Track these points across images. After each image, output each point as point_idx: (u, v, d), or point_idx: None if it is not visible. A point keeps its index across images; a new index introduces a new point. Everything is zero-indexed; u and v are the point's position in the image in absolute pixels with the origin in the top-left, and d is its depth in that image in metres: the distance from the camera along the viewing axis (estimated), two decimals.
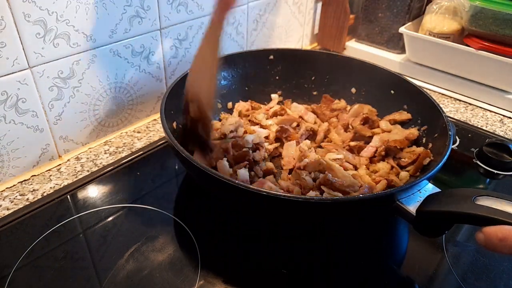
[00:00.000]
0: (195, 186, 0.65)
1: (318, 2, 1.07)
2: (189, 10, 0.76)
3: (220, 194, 0.56)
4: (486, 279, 0.52)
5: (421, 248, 0.56)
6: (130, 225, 0.57)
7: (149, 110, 0.80)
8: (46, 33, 0.58)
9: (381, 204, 0.49)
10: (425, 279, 0.52)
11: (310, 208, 0.47)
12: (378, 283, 0.52)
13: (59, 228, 0.56)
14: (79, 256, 0.52)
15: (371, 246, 0.57)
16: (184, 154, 0.51)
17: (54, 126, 0.66)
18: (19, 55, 0.57)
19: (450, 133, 0.56)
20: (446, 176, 0.69)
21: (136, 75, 0.74)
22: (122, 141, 0.74)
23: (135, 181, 0.65)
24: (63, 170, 0.67)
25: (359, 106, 0.74)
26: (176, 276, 0.50)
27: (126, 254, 0.52)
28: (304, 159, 0.60)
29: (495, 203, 0.41)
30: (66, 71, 0.63)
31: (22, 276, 0.49)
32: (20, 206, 0.59)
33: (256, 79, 0.81)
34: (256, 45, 0.96)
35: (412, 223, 0.47)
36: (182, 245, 0.54)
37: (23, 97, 0.59)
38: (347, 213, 0.51)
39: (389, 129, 0.69)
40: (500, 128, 0.83)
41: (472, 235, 0.58)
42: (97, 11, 0.62)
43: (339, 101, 0.78)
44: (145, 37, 0.71)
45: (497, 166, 0.70)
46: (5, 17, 0.53)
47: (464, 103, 0.91)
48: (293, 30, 1.05)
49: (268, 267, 0.52)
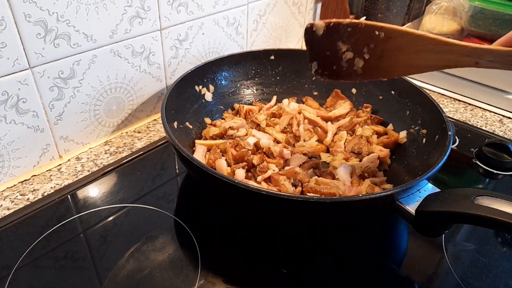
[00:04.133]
0: (196, 186, 0.65)
1: (318, 2, 1.07)
2: (189, 10, 0.76)
3: (220, 193, 0.56)
4: (485, 279, 0.52)
5: (420, 248, 0.56)
6: (130, 225, 0.57)
7: (150, 110, 0.81)
8: (47, 33, 0.58)
9: (381, 204, 0.49)
10: (425, 279, 0.52)
11: (310, 207, 0.47)
12: (378, 283, 0.52)
13: (60, 228, 0.56)
14: (80, 256, 0.52)
15: (371, 246, 0.57)
16: (184, 154, 0.51)
17: (55, 126, 0.66)
18: (20, 55, 0.57)
19: (449, 133, 0.57)
20: (445, 176, 0.69)
21: (137, 75, 0.74)
22: (123, 141, 0.75)
23: (135, 181, 0.65)
24: (64, 170, 0.67)
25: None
26: (176, 275, 0.50)
27: (127, 254, 0.52)
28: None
29: (494, 203, 0.41)
30: (66, 71, 0.63)
31: (23, 276, 0.49)
32: (21, 206, 0.59)
33: (257, 79, 0.82)
34: (256, 45, 0.96)
35: (411, 223, 0.47)
36: (183, 244, 0.54)
37: (23, 97, 0.60)
38: (346, 213, 0.51)
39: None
40: (500, 128, 0.83)
41: (471, 235, 0.58)
42: (98, 12, 0.63)
43: (345, 101, 0.78)
44: (146, 38, 0.71)
45: (496, 166, 0.70)
46: (5, 17, 0.53)
47: (464, 103, 0.92)
48: (293, 30, 1.05)
49: (268, 267, 0.52)
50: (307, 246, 0.56)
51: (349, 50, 0.52)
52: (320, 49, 0.55)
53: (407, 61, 0.49)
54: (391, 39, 0.48)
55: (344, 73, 0.54)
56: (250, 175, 0.62)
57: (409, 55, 0.48)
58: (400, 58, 0.49)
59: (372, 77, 0.53)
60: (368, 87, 0.78)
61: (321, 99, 0.82)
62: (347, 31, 0.51)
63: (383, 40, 0.49)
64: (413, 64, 0.49)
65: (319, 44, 0.54)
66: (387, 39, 0.48)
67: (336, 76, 0.55)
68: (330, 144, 0.71)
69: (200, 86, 0.74)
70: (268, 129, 0.72)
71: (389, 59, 0.50)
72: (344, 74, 0.54)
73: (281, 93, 0.83)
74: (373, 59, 0.51)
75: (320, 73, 0.57)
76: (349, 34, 0.51)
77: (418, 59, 0.48)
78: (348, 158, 0.67)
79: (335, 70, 0.55)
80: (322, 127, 0.73)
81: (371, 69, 0.52)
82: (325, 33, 0.53)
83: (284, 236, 0.57)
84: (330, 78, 0.56)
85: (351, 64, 0.53)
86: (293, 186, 0.59)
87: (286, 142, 0.69)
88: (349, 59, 0.53)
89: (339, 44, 0.52)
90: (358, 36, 0.50)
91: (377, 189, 0.60)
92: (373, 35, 0.49)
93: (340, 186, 0.58)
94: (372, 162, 0.65)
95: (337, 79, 0.56)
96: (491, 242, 0.57)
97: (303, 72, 0.82)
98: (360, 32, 0.50)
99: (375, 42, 0.49)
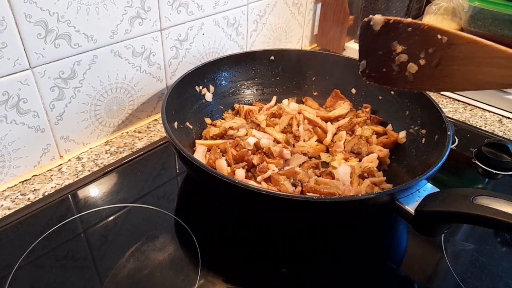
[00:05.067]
0: (196, 186, 0.65)
1: (318, 3, 1.08)
2: (189, 11, 0.76)
3: (220, 193, 0.56)
4: (485, 279, 0.52)
5: (420, 248, 0.56)
6: (131, 225, 0.57)
7: (150, 110, 0.81)
8: (47, 33, 0.58)
9: (380, 203, 0.49)
10: (424, 278, 0.53)
11: (310, 207, 0.47)
12: (378, 283, 0.52)
13: (60, 227, 0.56)
14: (80, 255, 0.52)
15: (371, 246, 0.57)
16: (185, 154, 0.51)
17: (55, 126, 0.66)
18: (20, 56, 0.57)
19: (449, 133, 0.57)
20: (445, 176, 0.69)
21: (137, 75, 0.74)
22: (123, 141, 0.75)
23: (136, 181, 0.65)
24: (64, 170, 0.67)
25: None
26: (176, 275, 0.50)
27: (127, 254, 0.53)
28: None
29: (493, 203, 0.41)
30: (67, 72, 0.63)
31: (23, 276, 0.50)
32: (21, 206, 0.60)
33: (257, 79, 0.82)
34: (256, 46, 0.96)
35: (411, 222, 0.48)
36: (183, 244, 0.55)
37: (24, 97, 0.60)
38: (346, 213, 0.51)
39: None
40: (499, 128, 0.83)
41: (471, 234, 0.58)
42: (98, 12, 0.63)
43: (344, 102, 0.78)
44: (146, 38, 0.72)
45: (495, 166, 0.71)
46: (6, 17, 0.53)
47: (463, 103, 0.92)
48: (292, 31, 1.05)
49: (268, 266, 0.53)
50: (307, 246, 0.56)
51: (404, 52, 0.48)
52: (373, 47, 0.51)
53: (466, 74, 0.44)
54: (453, 45, 0.44)
55: (394, 78, 0.50)
56: (250, 175, 0.62)
57: (470, 66, 0.43)
58: (458, 69, 0.44)
59: (423, 87, 0.49)
60: (368, 87, 0.78)
61: (321, 99, 0.82)
62: (406, 30, 0.47)
63: (444, 45, 0.44)
64: (471, 79, 0.44)
65: (373, 41, 0.50)
66: (449, 45, 0.44)
67: (384, 80, 0.52)
68: (330, 144, 0.71)
69: (200, 86, 0.74)
70: (268, 129, 0.72)
71: (446, 68, 0.45)
72: (393, 79, 0.51)
73: (281, 93, 0.83)
74: (428, 66, 0.47)
75: (366, 75, 0.53)
76: (408, 34, 0.47)
77: (479, 73, 0.43)
78: (348, 158, 0.67)
79: (383, 73, 0.51)
80: (322, 127, 0.73)
81: (423, 78, 0.48)
82: (382, 29, 0.49)
83: (284, 236, 0.57)
84: (376, 82, 0.53)
85: (403, 68, 0.49)
86: (293, 186, 0.59)
87: (286, 142, 0.69)
88: (402, 62, 0.49)
89: (395, 44, 0.48)
90: (418, 38, 0.46)
91: (376, 189, 0.60)
92: (434, 39, 0.45)
93: (340, 186, 0.58)
94: (371, 162, 0.65)
95: (384, 84, 0.52)
96: (491, 242, 0.57)
97: (303, 72, 0.83)
98: (420, 34, 0.46)
99: (435, 47, 0.45)
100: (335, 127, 0.74)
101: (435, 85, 0.48)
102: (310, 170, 0.64)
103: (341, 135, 0.71)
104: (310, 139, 0.72)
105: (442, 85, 0.47)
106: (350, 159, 0.67)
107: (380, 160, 0.66)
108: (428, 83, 0.48)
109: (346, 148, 0.69)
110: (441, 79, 0.46)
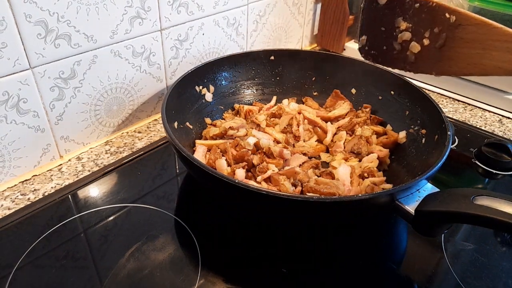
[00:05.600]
0: (196, 186, 0.65)
1: (318, 3, 1.08)
2: (189, 11, 0.76)
3: (220, 193, 0.56)
4: (485, 279, 0.52)
5: (420, 248, 0.56)
6: (131, 225, 0.57)
7: (150, 110, 0.81)
8: (47, 33, 0.58)
9: (380, 203, 0.49)
10: (424, 278, 0.53)
11: (310, 207, 0.47)
12: (378, 283, 0.52)
13: (60, 227, 0.56)
14: (80, 255, 0.52)
15: (371, 246, 0.57)
16: (185, 154, 0.51)
17: (55, 126, 0.66)
18: (20, 56, 0.57)
19: (449, 133, 0.57)
20: (445, 176, 0.69)
21: (137, 75, 0.74)
22: (123, 141, 0.75)
23: (136, 181, 0.65)
24: (64, 170, 0.67)
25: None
26: (176, 275, 0.50)
27: (127, 254, 0.53)
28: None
29: (493, 203, 0.41)
30: (67, 72, 0.63)
31: (23, 276, 0.50)
32: (21, 205, 0.60)
33: (257, 79, 0.82)
34: (256, 46, 0.96)
35: (411, 222, 0.48)
36: (183, 244, 0.55)
37: (24, 97, 0.60)
38: (346, 213, 0.51)
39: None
40: (499, 128, 0.83)
41: (471, 234, 0.58)
42: (98, 12, 0.63)
43: (344, 102, 0.78)
44: (146, 38, 0.72)
45: (495, 166, 0.71)
46: (6, 17, 0.53)
47: (463, 103, 0.92)
48: (292, 31, 1.05)
49: (268, 266, 0.53)
50: (307, 246, 0.56)
51: (408, 30, 0.46)
52: (376, 22, 0.49)
53: (472, 58, 0.42)
54: (461, 26, 0.41)
55: (394, 57, 0.49)
56: (250, 175, 0.62)
57: (476, 49, 0.41)
58: (464, 52, 0.42)
59: (424, 69, 0.47)
60: (368, 87, 0.78)
61: (321, 99, 0.82)
62: (413, 6, 0.45)
63: (451, 25, 0.42)
64: (476, 63, 0.42)
65: (376, 16, 0.48)
66: (457, 25, 0.42)
67: (383, 58, 0.50)
68: (330, 144, 0.71)
69: (200, 86, 0.74)
70: (268, 129, 0.72)
71: (451, 50, 0.43)
72: (393, 59, 0.49)
73: (281, 93, 0.83)
74: (432, 47, 0.45)
75: (365, 51, 0.51)
76: (414, 10, 0.45)
77: (485, 57, 0.41)
78: (348, 158, 0.67)
79: (384, 51, 0.49)
80: (322, 127, 0.73)
81: (425, 59, 0.46)
82: (388, 4, 0.47)
83: (284, 236, 0.57)
84: (375, 60, 0.50)
85: (405, 48, 0.47)
86: (293, 186, 0.59)
87: (286, 142, 0.69)
88: (405, 41, 0.47)
89: (399, 20, 0.47)
90: (424, 15, 0.44)
91: (376, 189, 0.60)
92: (442, 18, 0.42)
93: (340, 186, 0.58)
94: (371, 162, 0.65)
95: (382, 62, 0.50)
96: (491, 242, 0.57)
97: (303, 72, 0.83)
98: (428, 11, 0.44)
99: (441, 26, 0.43)
100: (335, 127, 0.74)
101: (436, 67, 0.46)
102: (310, 170, 0.64)
103: (341, 135, 0.71)
104: (310, 139, 0.72)
105: (444, 68, 0.45)
106: (350, 159, 0.67)
107: (380, 160, 0.66)
108: (430, 65, 0.46)
109: (346, 148, 0.69)
110: (444, 62, 0.45)
